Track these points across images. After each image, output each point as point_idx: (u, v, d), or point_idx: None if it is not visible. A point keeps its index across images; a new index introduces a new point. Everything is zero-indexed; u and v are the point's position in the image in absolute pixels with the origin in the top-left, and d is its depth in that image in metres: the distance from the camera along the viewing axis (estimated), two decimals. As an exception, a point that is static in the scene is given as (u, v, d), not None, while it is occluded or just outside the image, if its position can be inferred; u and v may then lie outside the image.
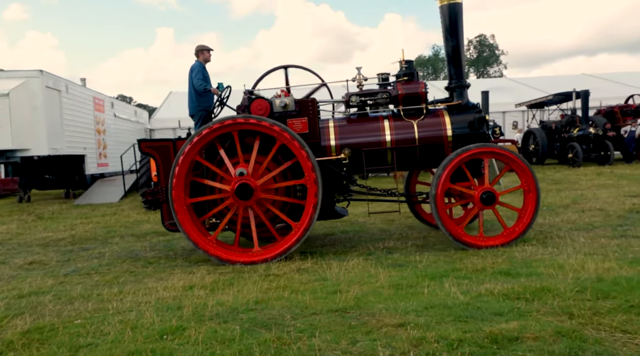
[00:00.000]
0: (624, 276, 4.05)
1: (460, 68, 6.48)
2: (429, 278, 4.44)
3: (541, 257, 5.22)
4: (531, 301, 3.47)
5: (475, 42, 62.92)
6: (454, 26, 6.35)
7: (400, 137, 6.15)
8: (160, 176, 6.13)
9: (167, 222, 6.18)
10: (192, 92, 7.17)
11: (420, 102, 6.28)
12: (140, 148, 6.31)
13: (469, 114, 6.30)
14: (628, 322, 2.99)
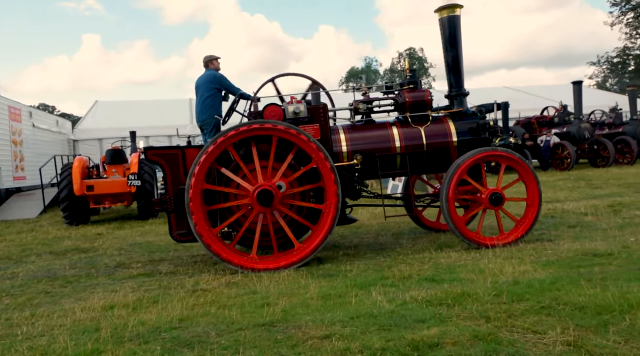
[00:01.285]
0: (537, 278, 4.28)
1: (460, 77, 6.78)
2: (358, 288, 4.48)
3: (464, 263, 5.42)
4: (452, 306, 3.59)
5: (405, 55, 65.14)
6: (454, 37, 6.65)
7: (410, 143, 6.39)
8: (168, 185, 6.03)
9: (175, 233, 6.06)
10: (208, 102, 6.93)
11: (426, 109, 6.53)
12: (146, 157, 6.14)
13: (471, 121, 6.64)
14: (539, 323, 3.16)
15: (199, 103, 6.99)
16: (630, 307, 3.22)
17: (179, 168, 6.05)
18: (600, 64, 41.60)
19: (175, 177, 6.05)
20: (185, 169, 6.11)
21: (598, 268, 4.63)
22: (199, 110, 7.00)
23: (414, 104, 6.46)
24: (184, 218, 5.96)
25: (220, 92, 7.00)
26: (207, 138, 6.80)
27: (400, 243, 6.96)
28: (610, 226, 7.02)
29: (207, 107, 6.95)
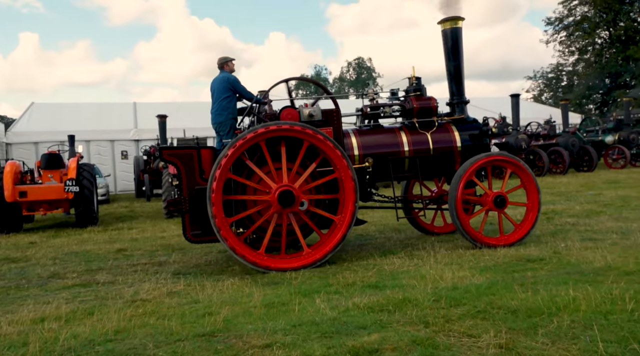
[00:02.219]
0: (474, 283, 4.43)
1: (461, 86, 7.10)
2: (301, 295, 4.47)
3: (407, 269, 5.54)
4: (393, 312, 3.65)
5: (354, 64, 66.19)
6: (456, 48, 6.93)
7: (417, 147, 6.66)
8: (183, 185, 6.01)
9: (189, 233, 6.04)
10: (223, 104, 6.85)
11: (432, 115, 6.82)
12: (161, 157, 6.12)
13: (473, 127, 6.96)
14: (474, 327, 3.27)
15: (215, 105, 6.91)
16: (558, 310, 3.39)
17: (194, 169, 6.06)
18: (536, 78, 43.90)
19: (190, 177, 6.04)
20: (201, 169, 6.13)
21: (530, 273, 4.85)
22: (214, 112, 6.91)
23: (420, 110, 6.77)
24: (198, 219, 5.99)
25: (235, 93, 6.93)
26: (223, 139, 6.75)
27: (346, 250, 7.02)
28: (543, 232, 7.37)
29: (223, 109, 6.87)
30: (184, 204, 5.96)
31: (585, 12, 38.75)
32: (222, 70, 7.11)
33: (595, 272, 4.54)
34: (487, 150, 6.87)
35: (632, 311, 3.25)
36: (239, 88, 6.87)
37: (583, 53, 40.31)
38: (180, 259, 6.84)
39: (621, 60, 36.11)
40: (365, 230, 8.75)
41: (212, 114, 6.94)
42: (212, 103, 6.95)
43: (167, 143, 18.40)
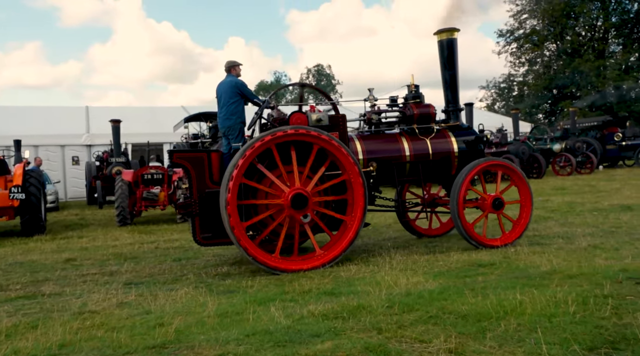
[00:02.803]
0: (427, 289, 4.52)
1: (456, 94, 7.47)
2: (256, 304, 4.43)
3: (363, 275, 5.58)
4: (347, 319, 3.67)
5: (313, 71, 66.52)
6: (451, 58, 7.34)
7: (418, 152, 6.94)
8: (193, 188, 6.09)
9: (199, 236, 6.12)
10: (231, 108, 6.84)
11: (430, 121, 7.12)
12: (171, 159, 6.13)
13: (468, 134, 7.30)
14: (425, 332, 3.33)
15: (223, 109, 6.88)
16: (505, 313, 3.49)
17: (204, 172, 6.15)
18: (489, 88, 45.34)
19: (200, 180, 6.13)
20: (210, 173, 6.23)
21: (481, 278, 4.98)
22: (222, 115, 6.88)
23: (420, 117, 7.06)
24: (208, 222, 6.08)
25: (243, 98, 6.92)
26: (233, 143, 6.76)
27: (303, 257, 7.01)
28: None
29: (232, 113, 6.85)
30: (194, 207, 6.04)
31: (534, 26, 40.39)
32: (229, 74, 7.08)
33: (541, 276, 4.71)
34: (481, 156, 7.21)
35: (574, 314, 3.39)
36: (246, 92, 6.93)
37: (532, 64, 41.97)
38: (132, 268, 6.65)
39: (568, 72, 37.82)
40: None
41: (220, 118, 6.93)
42: (220, 107, 6.93)
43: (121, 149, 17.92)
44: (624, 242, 6.46)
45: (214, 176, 6.18)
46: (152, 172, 11.93)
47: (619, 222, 8.44)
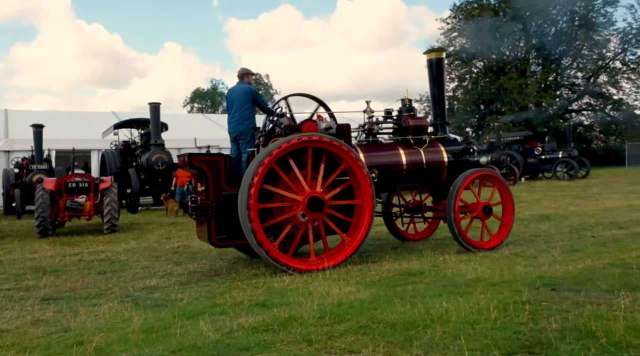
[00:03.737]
0: (359, 298, 4.56)
1: (443, 108, 8.05)
2: (185, 318, 4.29)
3: (296, 286, 5.56)
4: (278, 331, 3.63)
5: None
6: (439, 75, 7.93)
7: (413, 161, 7.40)
8: (210, 191, 6.30)
9: (214, 238, 6.32)
10: (244, 113, 7.01)
11: (423, 133, 7.64)
12: (190, 162, 6.29)
13: (455, 145, 7.87)
14: (355, 342, 3.35)
15: (236, 114, 7.04)
16: (432, 321, 3.59)
17: (220, 175, 6.40)
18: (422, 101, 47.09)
19: (217, 183, 6.36)
20: (227, 176, 6.50)
21: (411, 286, 5.11)
22: (235, 120, 7.04)
23: (415, 128, 7.57)
24: (224, 224, 6.35)
25: (255, 104, 7.12)
26: (246, 148, 6.97)
27: (236, 269, 6.89)
28: (425, 246, 7.84)
29: (245, 119, 7.02)
30: (210, 209, 6.24)
31: (463, 44, 42.55)
32: (242, 81, 7.27)
33: (466, 284, 4.90)
34: (468, 166, 7.69)
35: (495, 320, 3.54)
36: (259, 100, 7.14)
37: (462, 80, 44.10)
38: (52, 283, 6.25)
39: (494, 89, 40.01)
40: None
41: (233, 123, 7.07)
42: (232, 112, 7.08)
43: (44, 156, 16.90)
44: (542, 250, 6.86)
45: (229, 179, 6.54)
46: (77, 180, 11.31)
47: (538, 231, 8.97)
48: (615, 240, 7.25)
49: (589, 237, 7.97)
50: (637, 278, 4.67)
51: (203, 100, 65.89)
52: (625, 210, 11.44)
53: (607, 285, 4.44)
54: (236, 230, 6.31)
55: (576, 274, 4.98)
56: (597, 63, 40.63)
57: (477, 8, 40.87)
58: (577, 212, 11.23)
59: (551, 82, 40.29)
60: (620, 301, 3.80)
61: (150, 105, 16.01)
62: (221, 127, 25.57)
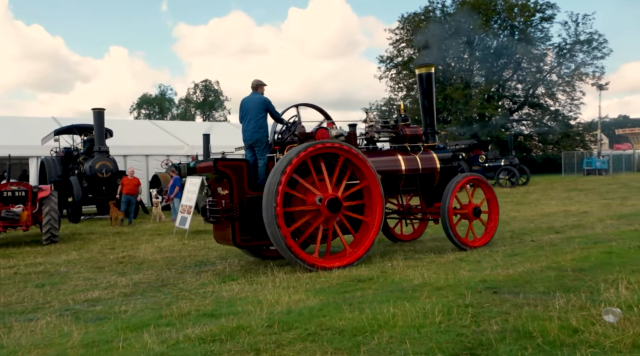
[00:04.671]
0: (308, 306, 4.57)
1: (433, 118, 8.67)
2: (129, 330, 4.15)
3: (245, 295, 5.50)
4: (225, 342, 3.58)
5: (201, 86, 65.10)
6: (429, 89, 8.59)
7: (411, 167, 7.97)
8: (234, 194, 6.67)
9: (238, 239, 6.71)
10: (260, 122, 7.36)
11: (418, 141, 8.27)
12: (215, 167, 6.62)
13: (445, 152, 8.53)
14: (303, 350, 3.35)
15: (251, 123, 7.38)
16: (379, 327, 3.65)
17: (243, 179, 6.79)
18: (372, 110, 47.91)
19: (240, 187, 6.74)
20: (249, 179, 6.92)
21: (359, 293, 5.17)
22: (250, 128, 7.38)
23: (411, 137, 8.20)
24: (248, 225, 6.75)
25: (267, 114, 7.48)
26: (261, 154, 7.37)
27: (184, 278, 6.75)
28: (374, 253, 7.95)
29: (260, 127, 7.37)
30: (235, 212, 6.60)
31: (411, 54, 43.70)
32: (255, 91, 7.64)
33: (413, 289, 5.01)
34: (455, 173, 8.40)
35: (440, 324, 3.64)
36: (272, 109, 7.50)
37: (410, 90, 45.18)
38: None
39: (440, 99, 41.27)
40: (205, 256, 8.53)
41: (248, 131, 7.39)
42: (247, 121, 7.42)
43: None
44: (485, 255, 7.12)
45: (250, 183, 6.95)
46: (13, 189, 10.72)
47: (481, 236, 9.31)
48: (552, 244, 7.62)
49: (528, 241, 8.35)
50: (571, 280, 4.93)
51: (151, 106, 64.22)
52: (561, 215, 12.06)
53: (543, 287, 4.66)
54: (259, 232, 6.72)
55: (516, 277, 5.19)
56: (536, 75, 42.77)
57: (423, 20, 42.13)
58: (517, 217, 11.73)
59: (494, 93, 42.02)
60: (555, 303, 4.00)
61: (93, 110, 15.44)
62: (169, 134, 25.00)
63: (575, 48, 41.38)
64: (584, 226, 9.94)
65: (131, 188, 14.25)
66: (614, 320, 3.47)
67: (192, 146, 22.08)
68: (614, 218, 10.98)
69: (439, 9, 42.66)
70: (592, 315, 3.60)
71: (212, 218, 6.94)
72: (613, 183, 25.05)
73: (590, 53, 40.99)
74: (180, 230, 11.54)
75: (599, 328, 3.32)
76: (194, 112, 65.00)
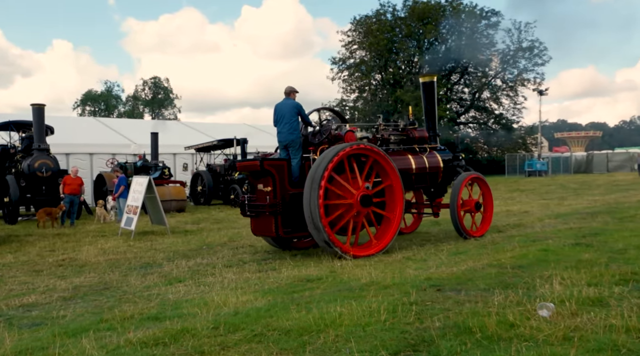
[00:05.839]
0: (256, 306, 4.54)
1: (434, 122, 9.68)
2: (67, 336, 3.98)
3: (192, 297, 5.40)
4: (169, 345, 3.49)
5: (150, 83, 63.32)
6: (432, 96, 9.62)
7: (419, 166, 8.85)
8: (277, 191, 7.49)
9: (281, 231, 7.54)
10: (294, 125, 8.04)
11: (424, 143, 9.18)
12: (262, 166, 7.43)
13: (446, 154, 9.49)
14: (249, 351, 3.33)
15: (286, 126, 8.04)
16: (326, 326, 3.67)
17: (285, 177, 7.60)
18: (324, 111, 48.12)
19: (282, 184, 7.54)
20: (290, 178, 7.69)
21: (308, 292, 5.18)
22: (286, 130, 8.04)
23: (419, 139, 9.08)
24: (289, 219, 7.57)
25: (299, 117, 8.18)
26: (296, 153, 8.00)
27: (128, 281, 6.55)
28: (324, 252, 7.99)
29: (294, 129, 8.04)
30: (278, 207, 7.41)
31: (363, 56, 44.26)
32: (288, 97, 8.36)
33: (360, 288, 5.07)
34: (455, 172, 9.53)
35: (385, 321, 3.71)
36: (303, 114, 8.26)
37: (362, 91, 45.77)
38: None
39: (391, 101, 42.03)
40: (152, 257, 8.31)
41: (284, 133, 8.07)
42: (282, 123, 8.09)
43: None
44: (431, 253, 7.31)
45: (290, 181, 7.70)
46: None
47: (428, 236, 9.56)
48: (494, 243, 7.92)
49: (471, 240, 8.64)
50: (510, 277, 5.13)
51: (96, 103, 61.87)
52: (504, 215, 12.56)
53: (484, 284, 4.83)
54: (298, 224, 7.57)
55: (459, 275, 5.36)
56: (481, 80, 44.34)
57: (375, 23, 42.77)
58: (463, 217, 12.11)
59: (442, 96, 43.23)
60: (494, 299, 4.16)
61: (33, 106, 14.68)
62: (115, 132, 24.18)
63: (518, 54, 43.22)
64: (524, 225, 10.39)
65: (74, 188, 13.68)
66: (547, 315, 3.65)
67: (139, 145, 21.46)
68: (551, 218, 11.55)
69: (390, 12, 43.43)
70: (527, 310, 3.77)
71: (252, 212, 7.77)
72: (552, 184, 26.36)
73: (532, 60, 42.96)
74: (126, 231, 11.19)
75: (534, 323, 3.48)
76: (143, 109, 63.15)
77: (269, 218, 7.58)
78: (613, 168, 43.07)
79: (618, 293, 4.13)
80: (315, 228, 7.20)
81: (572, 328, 3.37)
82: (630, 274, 4.79)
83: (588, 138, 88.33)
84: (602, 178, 31.77)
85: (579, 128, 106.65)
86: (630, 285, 4.41)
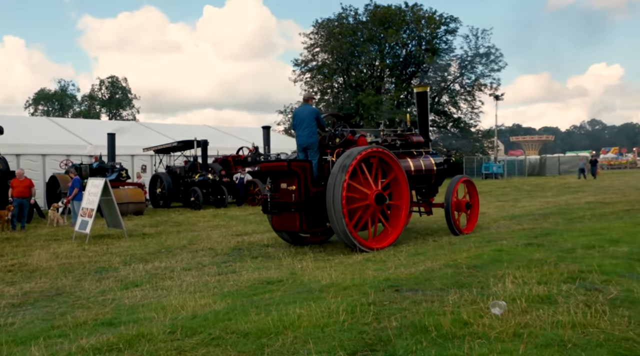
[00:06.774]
0: (214, 310, 4.49)
1: (427, 128, 10.47)
2: (15, 344, 3.84)
3: (149, 301, 5.30)
4: (123, 350, 3.41)
5: (107, 83, 61.57)
6: (424, 104, 10.43)
7: (417, 168, 9.63)
8: (302, 190, 8.08)
9: (305, 226, 8.14)
10: (313, 129, 8.72)
11: (421, 147, 10.06)
12: (289, 167, 8.04)
13: (439, 157, 10.32)
14: (207, 355, 3.28)
15: (306, 130, 8.70)
16: (284, 328, 3.66)
17: (308, 177, 8.22)
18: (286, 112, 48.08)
19: (306, 183, 8.15)
20: (312, 177, 8.35)
21: (268, 295, 5.17)
22: (306, 134, 8.70)
23: (417, 143, 9.97)
24: (311, 215, 8.20)
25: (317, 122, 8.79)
26: (312, 156, 8.64)
27: (82, 286, 6.37)
28: (285, 255, 8.00)
29: (313, 133, 8.71)
30: (302, 204, 8.03)
31: (325, 59, 44.47)
32: (307, 103, 9.21)
33: (320, 289, 5.09)
34: (447, 175, 10.40)
35: (343, 322, 3.74)
36: (321, 119, 8.93)
37: (324, 94, 45.94)
38: None
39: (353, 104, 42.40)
40: (107, 262, 8.09)
41: (303, 136, 8.73)
42: (302, 127, 8.74)
43: None
44: (390, 255, 7.42)
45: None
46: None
47: (388, 237, 9.68)
48: (451, 244, 8.11)
49: (430, 241, 8.82)
50: (465, 277, 5.27)
51: (50, 103, 59.66)
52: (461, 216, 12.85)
53: (441, 284, 4.94)
54: (318, 220, 8.26)
55: (417, 275, 5.46)
56: (440, 84, 45.34)
57: (337, 27, 43.07)
58: (422, 219, 12.34)
59: (403, 99, 43.93)
60: (449, 298, 4.26)
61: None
62: (70, 132, 23.37)
63: (475, 60, 44.46)
64: (480, 226, 10.68)
65: (22, 191, 13.12)
66: (499, 312, 3.76)
67: (95, 146, 20.84)
68: (506, 219, 11.93)
69: (351, 16, 43.82)
70: (481, 309, 3.88)
71: (275, 209, 8.33)
72: (507, 186, 27.19)
73: (488, 65, 44.30)
74: (80, 235, 10.84)
75: (487, 320, 3.59)
76: (99, 110, 61.31)
77: (293, 214, 8.15)
78: (564, 171, 44.88)
79: (566, 291, 4.30)
80: (338, 224, 7.79)
81: (522, 324, 3.50)
82: (578, 272, 4.99)
83: (541, 142, 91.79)
84: (554, 180, 33.05)
85: (533, 132, 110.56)
86: (577, 282, 4.60)
